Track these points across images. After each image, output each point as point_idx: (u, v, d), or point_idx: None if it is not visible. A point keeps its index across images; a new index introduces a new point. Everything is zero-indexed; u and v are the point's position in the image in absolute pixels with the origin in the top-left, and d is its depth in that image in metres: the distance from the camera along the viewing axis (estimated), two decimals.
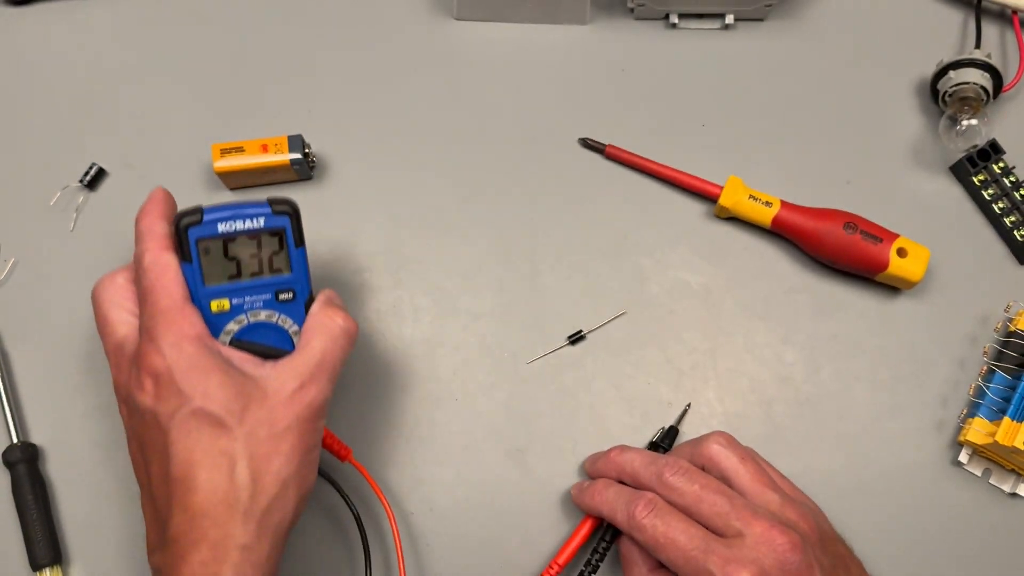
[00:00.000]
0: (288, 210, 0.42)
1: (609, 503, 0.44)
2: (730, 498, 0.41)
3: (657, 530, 0.41)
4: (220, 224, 0.41)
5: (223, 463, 0.37)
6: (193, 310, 0.40)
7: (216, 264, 0.41)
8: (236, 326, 0.42)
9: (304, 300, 0.43)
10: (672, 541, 0.40)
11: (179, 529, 0.37)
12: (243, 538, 0.37)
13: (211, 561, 0.36)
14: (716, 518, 0.41)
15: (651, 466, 0.43)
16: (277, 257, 0.42)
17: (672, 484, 0.42)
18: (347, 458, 0.46)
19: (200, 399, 0.38)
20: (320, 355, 0.41)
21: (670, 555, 0.40)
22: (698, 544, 0.40)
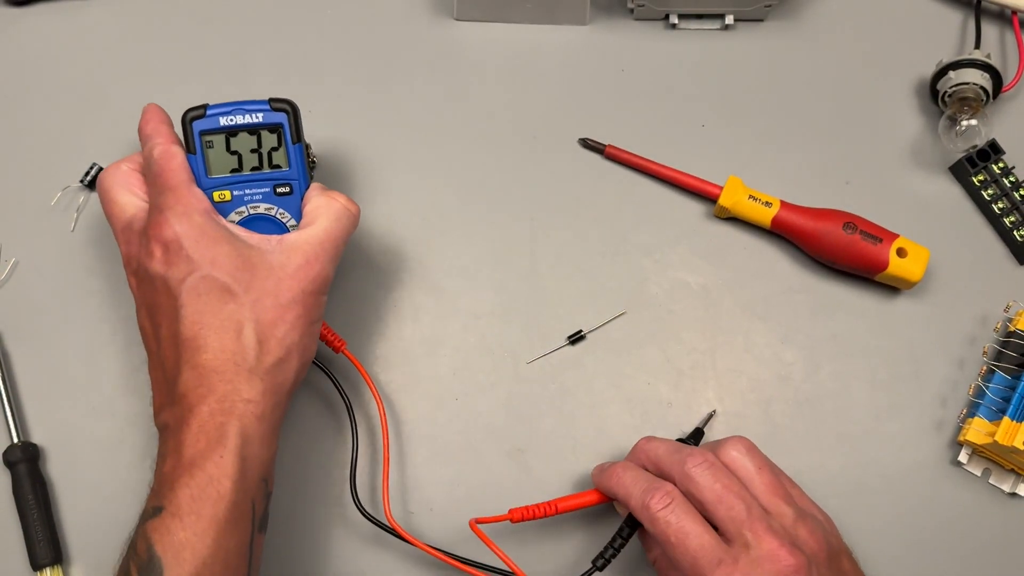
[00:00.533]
0: (286, 108, 0.46)
1: (625, 486, 0.43)
2: (748, 506, 0.41)
3: (670, 527, 0.41)
4: (222, 118, 0.45)
5: (230, 326, 0.40)
6: (200, 191, 0.43)
7: (219, 157, 0.45)
8: (237, 216, 0.45)
9: (301, 195, 0.46)
10: (683, 542, 0.40)
11: (188, 385, 0.40)
12: (248, 393, 0.40)
13: (218, 412, 0.39)
14: (730, 523, 0.40)
15: (675, 454, 0.43)
16: (276, 153, 0.46)
17: (693, 476, 0.41)
18: (341, 349, 0.48)
19: (208, 266, 0.41)
20: (324, 233, 0.44)
21: (677, 554, 0.40)
22: (707, 554, 0.40)
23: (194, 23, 0.58)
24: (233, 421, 0.39)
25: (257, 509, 0.40)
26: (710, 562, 0.39)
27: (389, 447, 0.48)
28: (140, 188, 0.45)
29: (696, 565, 0.40)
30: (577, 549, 0.48)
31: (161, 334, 0.41)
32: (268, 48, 0.57)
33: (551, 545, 0.48)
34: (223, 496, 0.38)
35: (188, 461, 0.39)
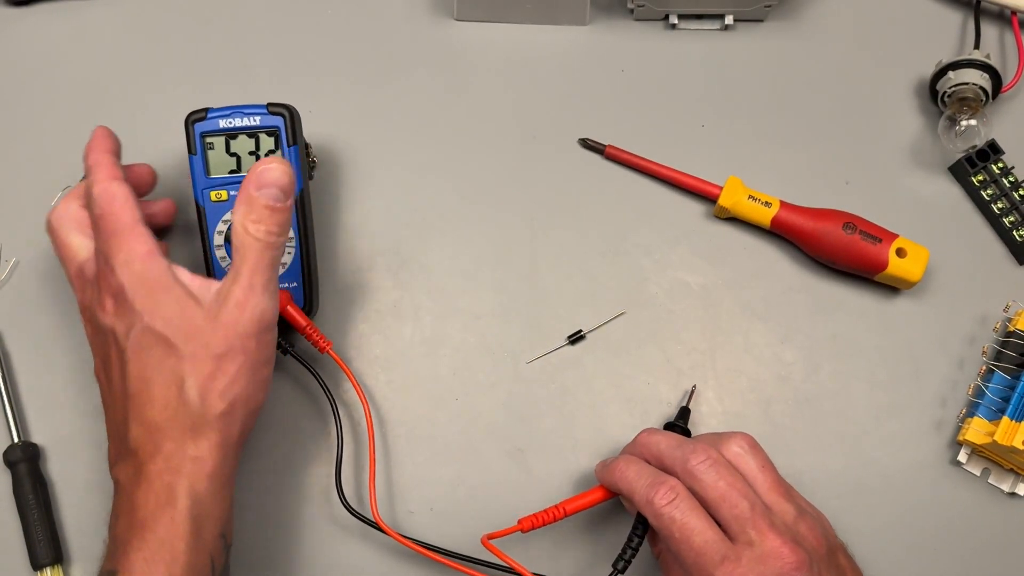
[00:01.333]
0: (283, 112, 0.48)
1: (629, 481, 0.43)
2: (752, 504, 0.41)
3: (674, 523, 0.41)
4: (222, 120, 0.47)
5: (172, 380, 0.39)
6: (143, 230, 0.41)
7: (219, 158, 0.47)
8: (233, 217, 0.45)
9: (295, 197, 0.46)
10: (687, 538, 0.40)
11: (137, 441, 0.40)
12: (195, 450, 0.39)
13: (166, 471, 0.39)
14: (734, 521, 0.40)
15: (677, 449, 0.43)
16: (273, 155, 0.47)
17: (697, 474, 0.41)
18: (326, 350, 0.48)
19: (149, 317, 0.40)
20: (247, 273, 0.40)
21: (682, 550, 0.40)
22: (711, 550, 0.40)
23: (194, 23, 0.58)
24: (182, 481, 0.39)
25: (216, 564, 0.40)
26: (714, 559, 0.39)
27: (375, 445, 0.49)
28: (90, 227, 0.43)
29: (700, 562, 0.40)
30: (585, 550, 0.48)
31: (113, 387, 0.41)
32: (268, 48, 0.57)
33: (560, 548, 0.48)
34: (177, 558, 0.38)
35: (140, 522, 0.38)
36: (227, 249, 0.48)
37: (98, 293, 0.41)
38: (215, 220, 0.48)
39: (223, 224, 0.48)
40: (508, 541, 0.46)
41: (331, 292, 0.52)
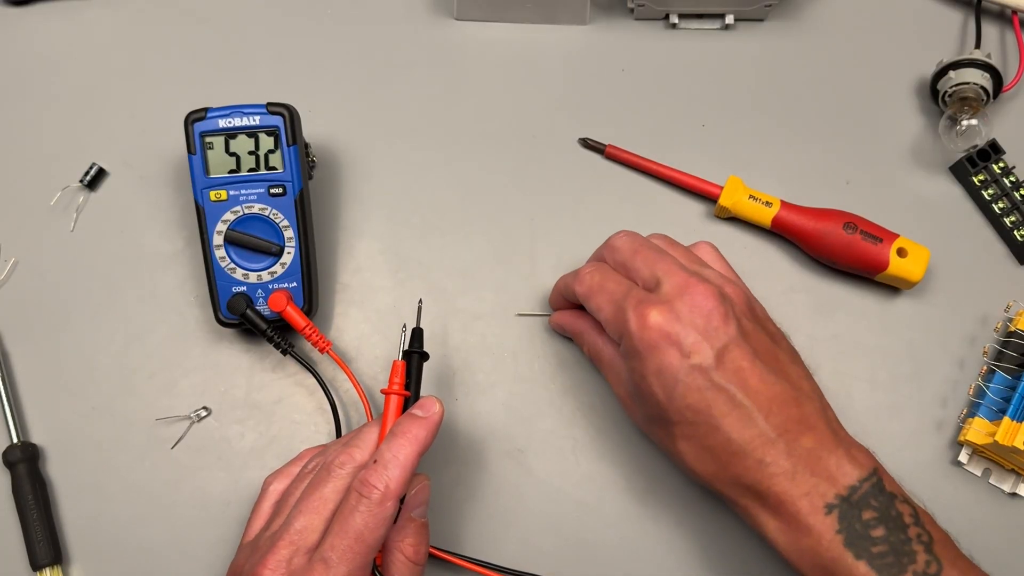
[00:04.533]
0: (283, 111, 0.48)
1: (562, 280, 0.48)
2: (662, 254, 0.43)
3: (593, 279, 0.44)
4: (221, 120, 0.47)
5: None
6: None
7: (218, 158, 0.47)
8: (232, 216, 0.48)
9: (294, 196, 0.47)
10: (602, 287, 0.44)
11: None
12: None
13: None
14: (644, 269, 0.43)
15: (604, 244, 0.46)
16: (272, 155, 0.48)
17: (614, 243, 0.45)
18: (326, 350, 0.48)
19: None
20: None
21: (599, 301, 0.43)
22: (622, 290, 0.42)
23: (194, 23, 0.58)
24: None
25: None
26: (623, 296, 0.42)
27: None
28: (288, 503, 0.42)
29: (612, 302, 0.42)
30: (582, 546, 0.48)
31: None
32: (268, 48, 0.57)
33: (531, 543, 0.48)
34: None
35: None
36: (227, 249, 0.48)
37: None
38: (215, 220, 0.48)
39: (222, 224, 0.48)
40: (509, 538, 0.46)
41: (331, 292, 0.52)
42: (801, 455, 0.39)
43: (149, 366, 0.50)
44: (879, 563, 0.38)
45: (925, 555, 0.38)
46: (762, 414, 0.40)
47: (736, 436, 0.40)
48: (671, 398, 0.40)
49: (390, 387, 0.43)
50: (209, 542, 0.47)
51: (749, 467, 0.40)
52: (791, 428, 0.40)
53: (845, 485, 0.39)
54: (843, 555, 0.38)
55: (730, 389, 0.40)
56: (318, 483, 0.40)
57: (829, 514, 0.39)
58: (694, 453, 0.41)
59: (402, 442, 0.40)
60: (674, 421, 0.41)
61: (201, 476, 0.49)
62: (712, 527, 0.48)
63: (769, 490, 0.39)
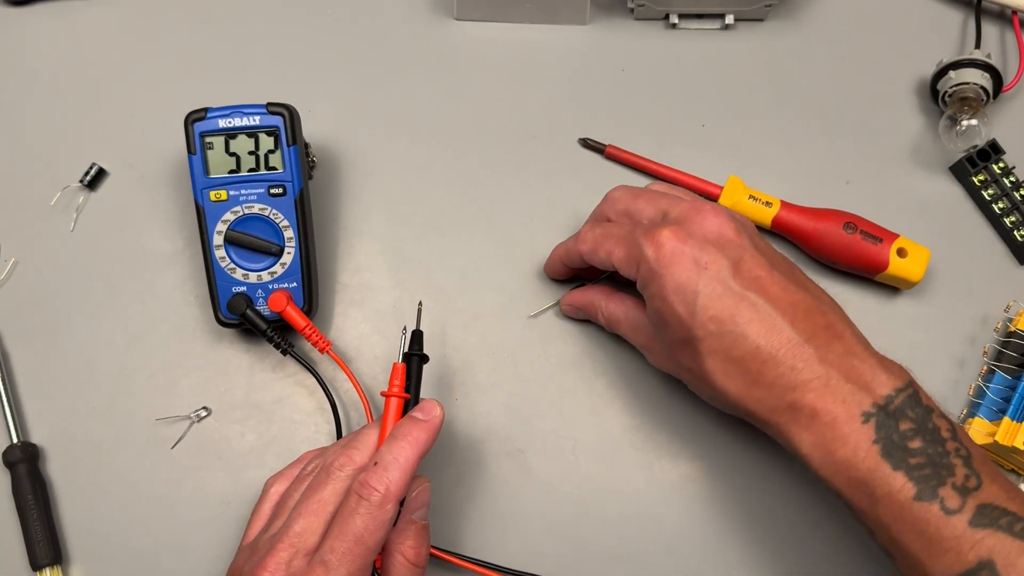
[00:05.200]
0: (283, 111, 0.48)
1: (561, 247, 0.49)
2: (663, 194, 0.44)
3: (595, 233, 0.45)
4: (221, 120, 0.47)
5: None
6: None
7: (218, 158, 0.47)
8: (232, 216, 0.48)
9: (294, 196, 0.47)
10: (606, 235, 0.44)
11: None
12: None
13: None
14: (648, 207, 0.43)
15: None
16: (272, 156, 0.48)
17: (612, 195, 0.46)
18: (326, 350, 0.48)
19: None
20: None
21: (607, 247, 0.43)
22: (628, 229, 0.43)
23: (194, 22, 0.58)
24: None
25: None
26: (631, 230, 0.42)
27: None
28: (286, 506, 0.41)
29: (621, 241, 0.43)
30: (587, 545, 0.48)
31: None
32: (268, 48, 0.57)
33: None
34: None
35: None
36: (226, 249, 0.48)
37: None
38: (215, 220, 0.48)
39: (222, 224, 0.48)
40: (506, 534, 0.46)
41: (331, 292, 0.52)
42: (833, 361, 0.38)
43: (149, 366, 0.50)
44: (917, 474, 0.36)
45: (964, 469, 0.37)
46: (787, 320, 0.39)
47: (764, 342, 0.39)
48: (693, 313, 0.40)
49: (390, 389, 0.43)
50: (209, 542, 0.47)
51: (781, 374, 0.38)
52: (819, 334, 0.39)
53: (881, 394, 0.38)
54: (880, 466, 0.37)
55: (751, 296, 0.39)
56: (317, 485, 0.40)
57: (866, 423, 0.37)
58: (722, 369, 0.40)
59: (403, 444, 0.40)
60: (699, 337, 0.40)
61: (201, 476, 0.49)
62: (712, 527, 0.48)
63: (803, 399, 0.38)
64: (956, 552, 0.35)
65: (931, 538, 0.36)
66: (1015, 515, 0.35)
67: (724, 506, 0.48)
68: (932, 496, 0.36)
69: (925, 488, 0.36)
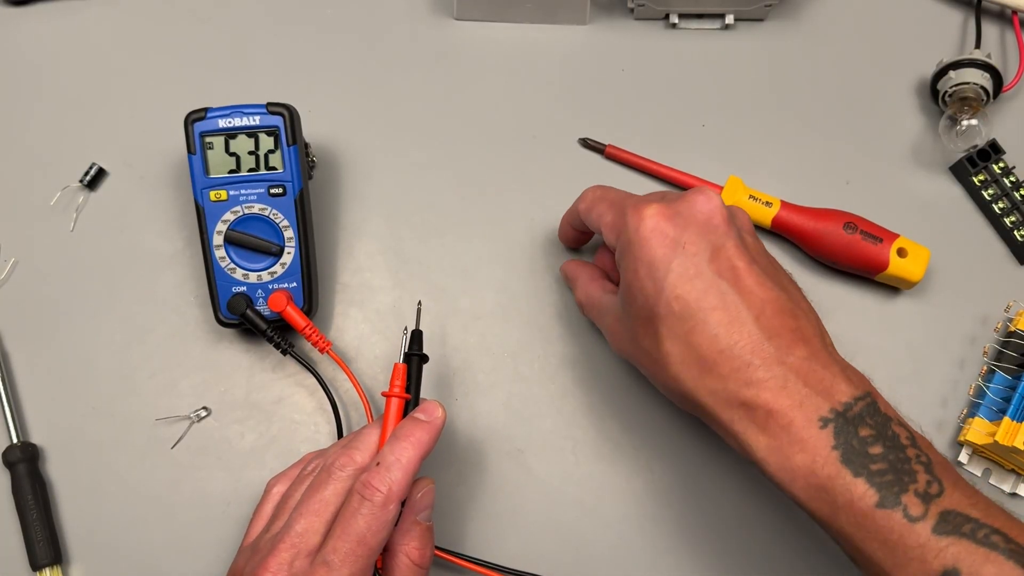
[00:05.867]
0: (283, 111, 0.48)
1: (569, 210, 0.49)
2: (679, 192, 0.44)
3: (595, 193, 0.45)
4: (221, 120, 0.47)
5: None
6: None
7: (218, 158, 0.47)
8: (232, 216, 0.48)
9: (294, 196, 0.47)
10: (603, 197, 0.44)
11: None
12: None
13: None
14: (657, 193, 0.43)
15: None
16: (272, 156, 0.48)
17: (594, 189, 0.46)
18: (326, 350, 0.48)
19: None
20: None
21: (600, 209, 0.44)
22: (623, 196, 0.43)
23: (194, 22, 0.58)
24: None
25: None
26: (623, 199, 0.43)
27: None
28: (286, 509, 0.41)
29: (613, 205, 0.43)
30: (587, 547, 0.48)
31: None
32: (268, 47, 0.57)
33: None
34: None
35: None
36: (227, 249, 0.48)
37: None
38: (215, 220, 0.48)
39: (222, 224, 0.48)
40: (506, 532, 0.46)
41: (331, 292, 0.52)
42: (793, 364, 0.38)
43: (149, 366, 0.50)
44: (879, 480, 0.35)
45: (926, 475, 0.36)
46: (753, 315, 0.38)
47: (723, 333, 0.38)
48: (660, 289, 0.39)
49: (391, 390, 0.43)
50: (209, 542, 0.47)
51: (737, 368, 0.38)
52: (784, 336, 0.38)
53: (840, 400, 0.37)
54: (840, 472, 0.36)
55: (722, 284, 0.39)
56: (318, 485, 0.40)
57: (824, 428, 0.36)
58: (679, 354, 0.39)
59: (404, 445, 0.40)
60: (661, 315, 0.39)
61: (201, 476, 0.49)
62: (712, 528, 0.48)
63: (757, 398, 0.37)
64: (920, 560, 0.35)
65: (895, 546, 0.35)
66: (978, 521, 0.35)
67: (724, 506, 0.48)
68: (895, 503, 0.35)
69: (887, 495, 0.35)
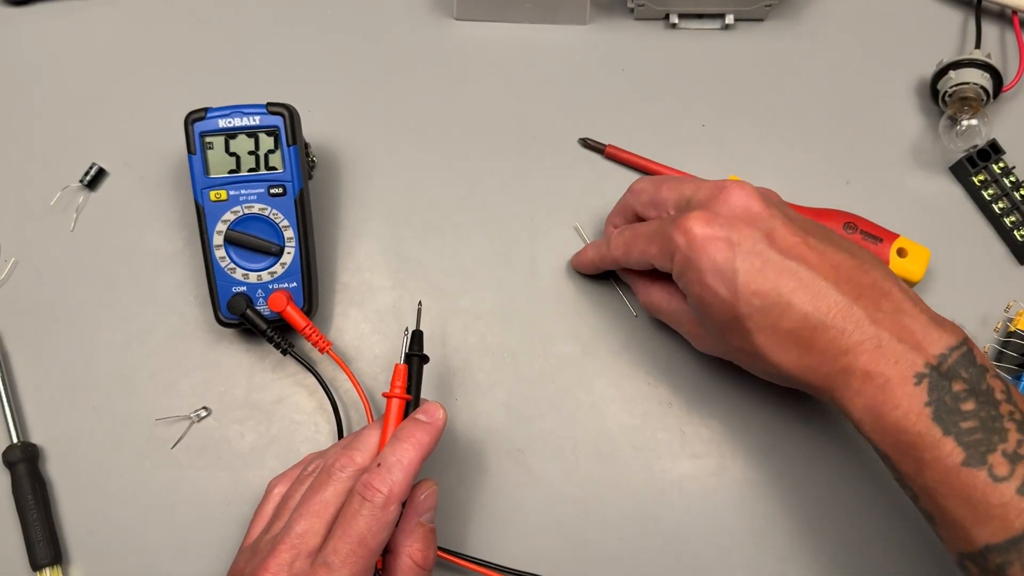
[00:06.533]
0: (283, 111, 0.48)
1: (592, 251, 0.49)
2: (684, 180, 0.44)
3: (624, 237, 0.45)
4: (221, 120, 0.47)
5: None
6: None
7: (218, 158, 0.47)
8: (232, 216, 0.48)
9: (294, 196, 0.47)
10: (635, 237, 0.44)
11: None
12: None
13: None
14: (672, 194, 0.43)
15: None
16: (272, 155, 0.48)
17: (636, 187, 0.47)
18: (326, 350, 0.48)
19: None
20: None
21: (640, 247, 0.44)
22: (656, 224, 0.43)
23: (194, 22, 0.58)
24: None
25: None
26: (659, 224, 0.42)
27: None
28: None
29: (652, 237, 0.43)
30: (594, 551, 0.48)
31: None
32: (268, 47, 0.57)
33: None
34: None
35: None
36: (227, 249, 0.48)
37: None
38: (215, 220, 0.48)
39: (222, 224, 0.48)
40: (506, 530, 0.46)
41: (331, 292, 0.52)
42: (883, 321, 0.38)
43: (149, 366, 0.50)
44: (967, 439, 0.36)
45: (1017, 433, 0.36)
46: (831, 283, 0.38)
47: (811, 309, 0.38)
48: (735, 291, 0.39)
49: (391, 391, 0.43)
50: (209, 542, 0.47)
51: (832, 339, 0.38)
52: (866, 294, 0.38)
53: (934, 353, 0.37)
54: (930, 430, 0.36)
55: (791, 264, 0.39)
56: (319, 486, 0.40)
57: (919, 384, 0.37)
58: (774, 343, 0.40)
59: (405, 446, 0.40)
60: (745, 314, 0.40)
61: (201, 476, 0.49)
62: (712, 527, 0.48)
63: (855, 362, 0.38)
64: (1002, 519, 0.35)
65: (976, 504, 0.35)
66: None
67: (723, 506, 0.48)
68: (981, 462, 0.35)
69: (974, 454, 0.36)
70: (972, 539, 0.36)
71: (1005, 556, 0.35)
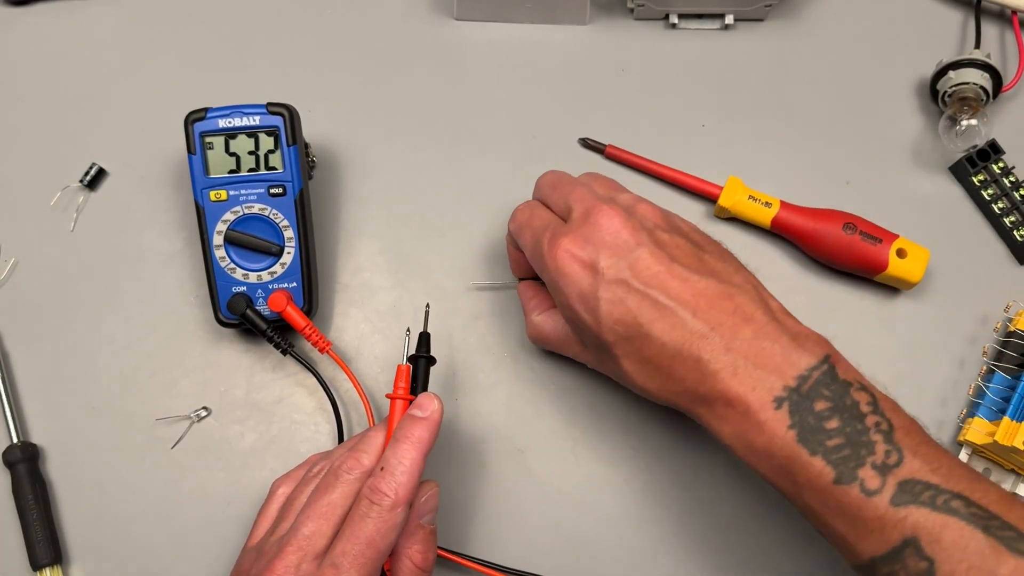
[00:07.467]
0: (283, 111, 0.48)
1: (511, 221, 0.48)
2: (576, 184, 0.44)
3: (523, 216, 0.45)
4: (221, 120, 0.47)
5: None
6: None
7: (218, 158, 0.47)
8: (232, 216, 0.48)
9: (294, 196, 0.47)
10: (528, 223, 0.45)
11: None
12: None
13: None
14: (560, 200, 0.44)
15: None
16: (272, 156, 0.48)
17: (539, 181, 0.47)
18: (326, 350, 0.48)
19: None
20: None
21: (524, 237, 0.45)
22: (543, 225, 0.43)
23: (194, 22, 0.58)
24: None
25: None
26: (542, 230, 0.43)
27: None
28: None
29: (535, 238, 0.43)
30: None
31: None
32: (268, 47, 0.57)
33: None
34: None
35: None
36: (227, 249, 0.48)
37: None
38: (215, 220, 0.48)
39: (222, 224, 0.48)
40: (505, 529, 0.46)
41: (331, 292, 0.52)
42: (740, 348, 0.38)
43: (149, 366, 0.50)
44: (835, 457, 0.36)
45: (884, 444, 0.36)
46: (689, 312, 0.39)
47: (668, 339, 0.38)
48: (598, 319, 0.40)
49: (395, 391, 0.42)
50: (209, 542, 0.47)
51: (691, 368, 0.38)
52: (725, 322, 0.38)
53: (793, 375, 0.37)
54: (798, 453, 0.36)
55: (651, 293, 0.39)
56: (326, 488, 0.40)
57: (779, 408, 0.37)
58: (638, 369, 0.40)
59: (406, 447, 0.40)
60: (609, 342, 0.40)
61: (201, 476, 0.49)
62: (712, 527, 0.48)
63: (713, 390, 0.38)
64: (880, 532, 0.35)
65: (855, 519, 0.36)
66: (938, 488, 0.35)
67: (723, 506, 0.48)
68: (852, 478, 0.36)
69: (844, 471, 0.36)
70: (858, 553, 0.36)
71: (891, 566, 0.35)
